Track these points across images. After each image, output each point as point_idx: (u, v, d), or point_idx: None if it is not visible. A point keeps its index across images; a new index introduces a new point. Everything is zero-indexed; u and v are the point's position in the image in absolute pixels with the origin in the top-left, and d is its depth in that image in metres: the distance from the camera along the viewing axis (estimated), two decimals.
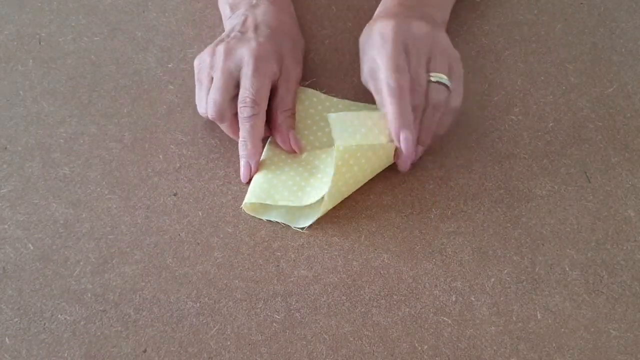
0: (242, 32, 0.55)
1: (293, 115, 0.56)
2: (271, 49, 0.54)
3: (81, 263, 0.51)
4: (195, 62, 0.55)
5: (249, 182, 0.54)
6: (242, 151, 0.53)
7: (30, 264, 0.51)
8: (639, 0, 0.68)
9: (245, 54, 0.53)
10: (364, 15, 0.66)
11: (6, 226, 0.53)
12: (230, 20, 0.59)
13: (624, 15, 0.66)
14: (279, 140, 0.55)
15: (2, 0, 0.67)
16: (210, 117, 0.53)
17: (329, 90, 0.61)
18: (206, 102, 0.53)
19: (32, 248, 0.52)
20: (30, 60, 0.63)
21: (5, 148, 0.57)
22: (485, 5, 0.67)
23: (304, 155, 0.56)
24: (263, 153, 0.55)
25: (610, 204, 0.54)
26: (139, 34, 0.65)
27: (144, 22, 0.66)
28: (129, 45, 0.64)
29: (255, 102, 0.52)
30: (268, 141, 0.57)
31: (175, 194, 0.55)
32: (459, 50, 0.64)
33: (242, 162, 0.54)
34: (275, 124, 0.55)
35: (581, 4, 0.66)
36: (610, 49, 0.64)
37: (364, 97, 0.59)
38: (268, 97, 0.53)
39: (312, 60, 0.63)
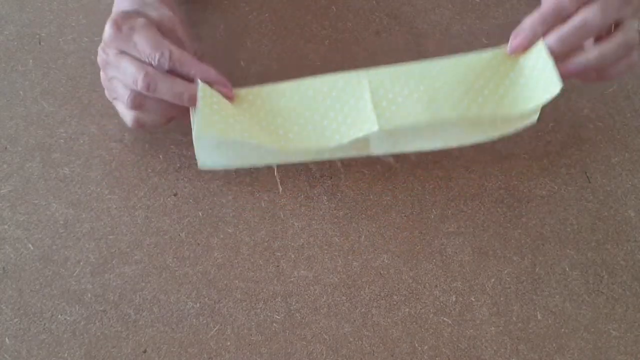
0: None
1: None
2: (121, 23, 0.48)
3: (81, 263, 0.51)
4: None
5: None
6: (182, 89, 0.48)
7: (30, 264, 0.51)
8: None
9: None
10: (364, 15, 0.66)
11: (6, 226, 0.53)
12: None
13: None
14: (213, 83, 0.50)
15: (2, 0, 0.67)
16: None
17: None
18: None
19: (32, 248, 0.52)
20: (30, 60, 0.63)
21: (5, 148, 0.57)
22: (485, 5, 0.67)
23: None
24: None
25: (610, 204, 0.54)
26: None
27: None
28: None
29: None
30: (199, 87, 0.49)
31: (175, 194, 0.55)
32: (458, 50, 0.64)
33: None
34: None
35: None
36: None
37: None
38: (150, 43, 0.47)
39: (312, 60, 0.63)
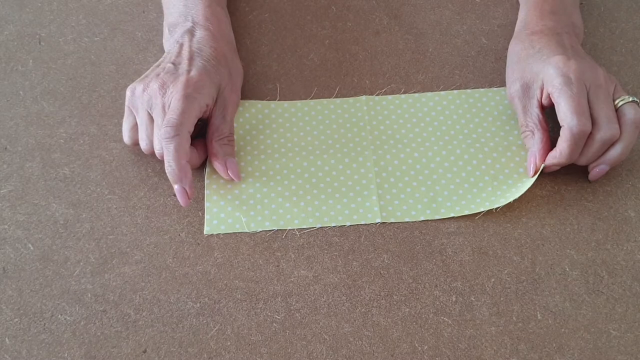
0: (175, 65, 0.53)
1: (230, 142, 0.54)
2: (204, 81, 0.52)
3: (81, 263, 0.51)
4: (128, 92, 0.53)
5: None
6: (170, 175, 0.50)
7: (30, 264, 0.51)
8: (639, 0, 0.68)
9: (176, 89, 0.51)
10: (364, 15, 0.66)
11: (6, 226, 0.53)
12: (167, 43, 0.58)
13: (624, 15, 0.66)
14: (217, 169, 0.54)
15: (2, 0, 0.67)
16: (157, 153, 0.52)
17: (326, 91, 0.61)
18: (147, 139, 0.52)
19: (32, 248, 0.52)
20: (30, 60, 0.63)
21: (5, 148, 0.57)
22: (485, 5, 0.68)
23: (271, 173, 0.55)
24: (206, 183, 0.54)
25: (610, 204, 0.54)
26: (139, 34, 0.65)
27: (144, 22, 0.66)
28: (129, 45, 0.64)
29: (176, 123, 0.50)
30: (206, 171, 0.55)
31: (175, 194, 0.54)
32: (458, 50, 0.64)
33: (176, 188, 0.51)
34: (211, 152, 0.54)
35: (581, 4, 0.66)
36: (610, 49, 0.64)
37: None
38: (194, 122, 0.51)
39: (312, 60, 0.63)
